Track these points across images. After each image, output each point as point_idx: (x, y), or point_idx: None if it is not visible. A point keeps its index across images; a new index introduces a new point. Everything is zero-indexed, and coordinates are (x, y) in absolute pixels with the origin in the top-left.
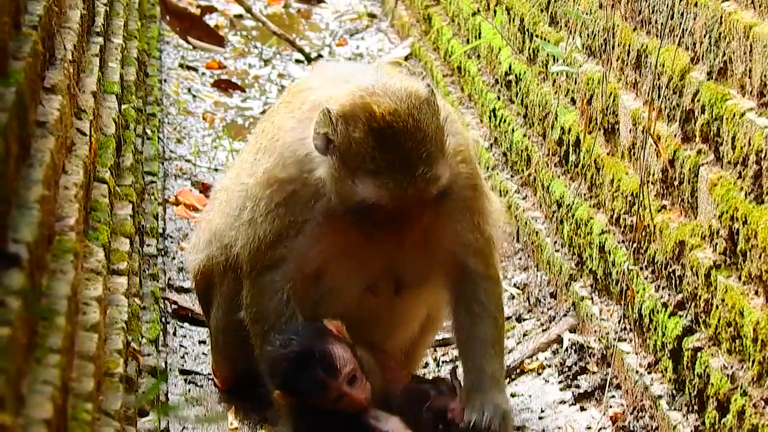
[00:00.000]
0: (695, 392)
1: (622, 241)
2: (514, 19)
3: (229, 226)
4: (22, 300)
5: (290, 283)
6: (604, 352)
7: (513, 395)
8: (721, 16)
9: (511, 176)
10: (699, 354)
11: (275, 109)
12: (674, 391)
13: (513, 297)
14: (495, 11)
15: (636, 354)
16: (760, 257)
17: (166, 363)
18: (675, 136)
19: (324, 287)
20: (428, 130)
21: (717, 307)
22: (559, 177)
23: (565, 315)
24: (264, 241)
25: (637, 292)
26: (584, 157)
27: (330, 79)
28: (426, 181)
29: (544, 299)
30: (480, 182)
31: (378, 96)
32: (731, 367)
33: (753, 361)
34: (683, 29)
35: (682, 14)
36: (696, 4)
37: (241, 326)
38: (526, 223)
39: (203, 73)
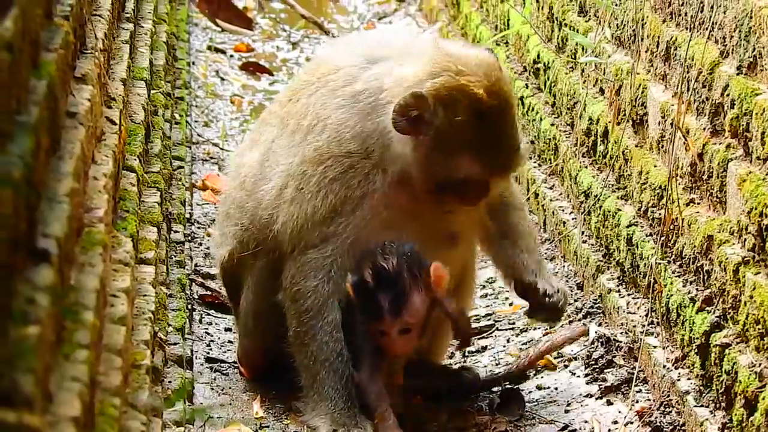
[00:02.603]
0: (723, 389)
1: (650, 234)
2: (542, 7)
3: (264, 207)
4: (50, 296)
5: (334, 259)
6: (631, 346)
7: (539, 387)
8: (752, 10)
9: (539, 165)
10: (727, 350)
11: (303, 88)
12: (701, 388)
13: None
14: None
15: (663, 348)
16: None
17: (192, 351)
18: (704, 129)
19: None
20: (511, 99)
21: (745, 303)
22: (586, 167)
23: (591, 307)
24: (312, 218)
25: (665, 286)
26: (612, 148)
27: (366, 54)
28: (519, 154)
29: (571, 290)
30: None
31: (469, 75)
32: (759, 365)
33: None
34: (713, 22)
35: (712, 7)
36: None
37: (273, 309)
38: (553, 213)
39: (231, 56)
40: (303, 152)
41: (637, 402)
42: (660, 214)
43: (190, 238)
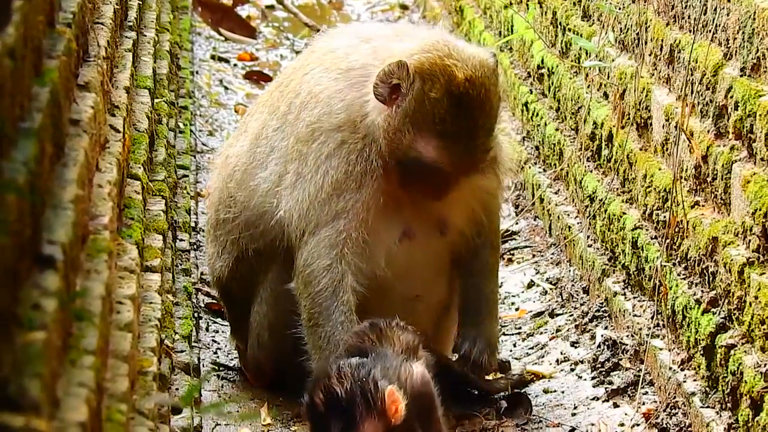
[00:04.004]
0: (728, 390)
1: (655, 237)
2: (546, 12)
3: (261, 194)
4: (57, 302)
5: (347, 235)
6: (637, 348)
7: (546, 391)
8: (755, 12)
9: (544, 170)
10: (732, 351)
11: (297, 70)
12: (707, 389)
13: (546, 292)
14: (527, 4)
15: (669, 350)
16: None
17: (199, 359)
18: (708, 132)
19: (372, 237)
20: (494, 102)
21: (750, 304)
22: (591, 172)
23: (597, 311)
24: (317, 197)
25: (670, 289)
26: (617, 152)
27: (363, 36)
28: (483, 152)
29: (577, 294)
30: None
31: (456, 60)
32: (765, 365)
33: None
34: (716, 25)
35: (716, 9)
36: (729, 0)
37: (289, 320)
38: (558, 217)
39: (235, 65)
40: (296, 131)
41: (644, 404)
42: (665, 216)
43: (195, 246)
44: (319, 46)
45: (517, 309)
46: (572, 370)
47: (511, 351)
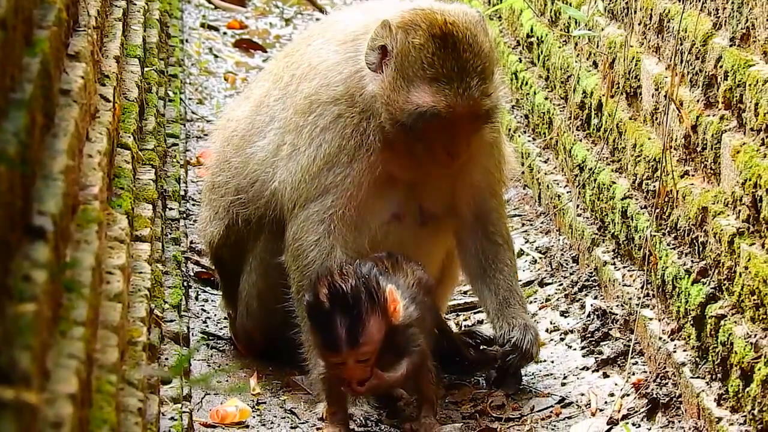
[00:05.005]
0: (719, 360)
1: (645, 207)
2: None
3: (258, 162)
4: (47, 273)
5: (334, 211)
6: (627, 318)
7: (536, 361)
8: None
9: (533, 139)
10: (722, 322)
11: (303, 41)
12: (697, 359)
13: (535, 261)
14: None
15: (659, 320)
16: None
17: (188, 328)
18: (698, 101)
19: (361, 214)
20: (483, 45)
21: (740, 274)
22: (581, 141)
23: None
24: (309, 170)
25: (660, 259)
26: (606, 121)
27: (367, 10)
28: (480, 92)
29: (566, 264)
30: (500, 126)
31: (437, 10)
32: (755, 336)
33: None
34: None
35: None
36: None
37: (279, 289)
38: (548, 186)
39: (224, 33)
40: (295, 102)
41: (634, 374)
42: (654, 186)
43: (185, 215)
44: (327, 18)
45: None
46: (562, 339)
47: None
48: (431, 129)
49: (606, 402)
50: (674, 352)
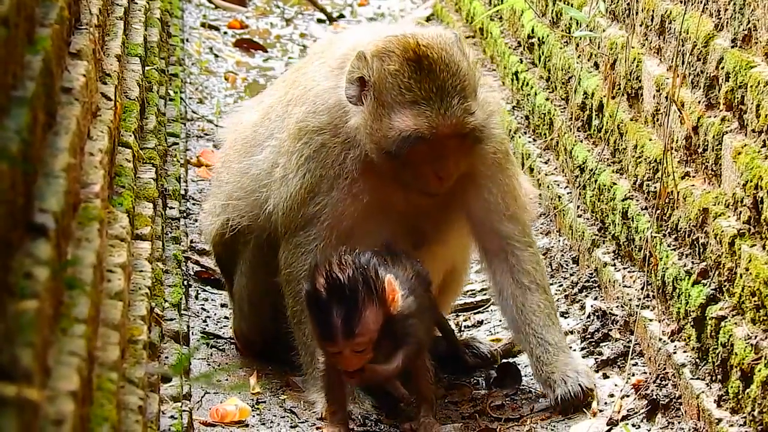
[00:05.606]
0: (719, 361)
1: (645, 208)
2: None
3: (252, 177)
4: (48, 271)
5: (322, 242)
6: (627, 319)
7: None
8: None
9: (534, 140)
10: (723, 323)
11: (308, 60)
12: (698, 360)
13: None
14: None
15: (659, 322)
16: None
17: (188, 327)
18: (699, 103)
19: (347, 243)
20: (460, 65)
21: (741, 276)
22: (581, 141)
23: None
24: (294, 199)
25: (661, 260)
26: (607, 122)
27: (361, 33)
28: (462, 110)
29: (567, 265)
30: (508, 147)
31: (410, 35)
32: (755, 337)
33: None
34: None
35: None
36: None
37: (268, 292)
38: (548, 187)
39: (225, 33)
40: (288, 126)
41: (634, 375)
42: (655, 187)
43: (185, 214)
44: (332, 36)
45: None
46: None
47: (500, 321)
48: (417, 153)
49: (606, 403)
50: (674, 353)
